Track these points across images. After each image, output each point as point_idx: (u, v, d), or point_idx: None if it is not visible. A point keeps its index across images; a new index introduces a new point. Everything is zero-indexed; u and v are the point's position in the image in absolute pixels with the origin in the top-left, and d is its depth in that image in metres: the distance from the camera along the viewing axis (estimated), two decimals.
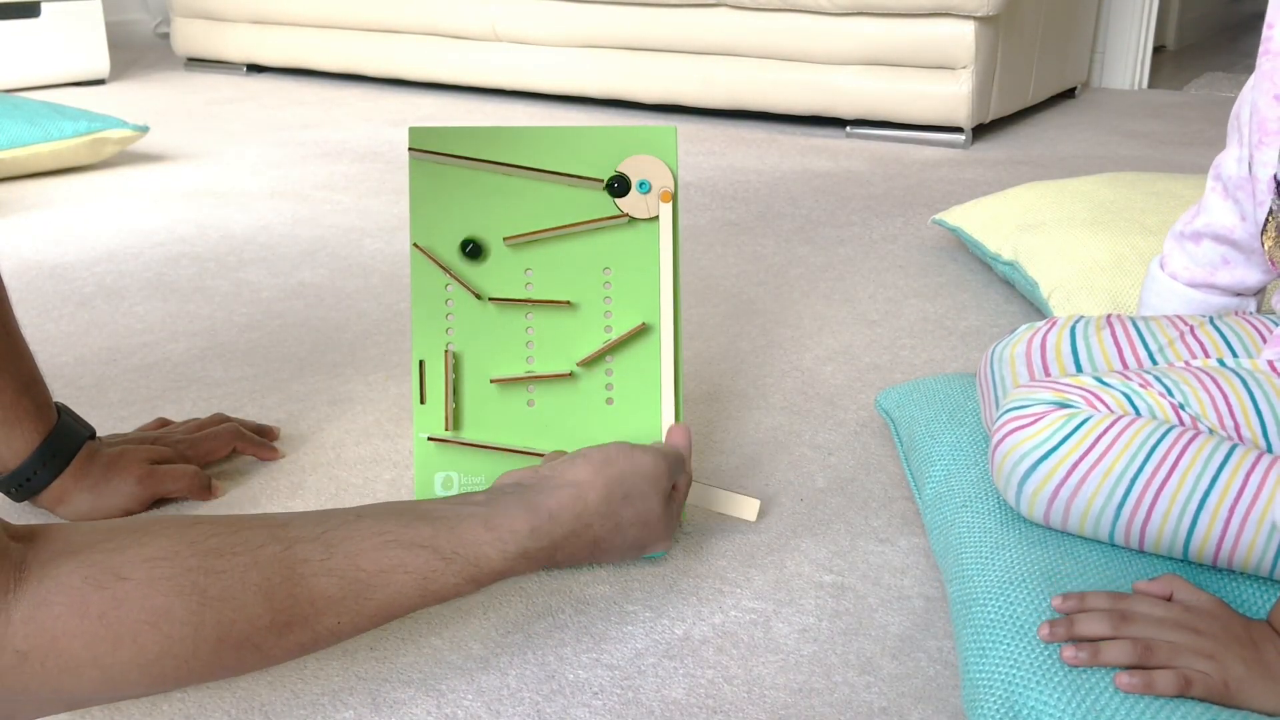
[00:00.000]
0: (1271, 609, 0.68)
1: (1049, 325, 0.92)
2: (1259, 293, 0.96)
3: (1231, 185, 0.92)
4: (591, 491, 0.74)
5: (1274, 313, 0.91)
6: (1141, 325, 0.89)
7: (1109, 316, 0.91)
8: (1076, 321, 0.91)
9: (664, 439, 0.88)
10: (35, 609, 0.52)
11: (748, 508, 0.90)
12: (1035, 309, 1.41)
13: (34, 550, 0.54)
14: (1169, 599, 0.69)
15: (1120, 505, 0.74)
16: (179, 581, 0.56)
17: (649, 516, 0.77)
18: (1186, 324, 0.88)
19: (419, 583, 0.65)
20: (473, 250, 0.89)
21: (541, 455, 0.91)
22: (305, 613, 0.60)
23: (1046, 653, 0.66)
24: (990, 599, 0.72)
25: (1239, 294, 0.95)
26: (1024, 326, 0.93)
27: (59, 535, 0.56)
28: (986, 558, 0.77)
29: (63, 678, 0.54)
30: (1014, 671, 0.65)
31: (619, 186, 0.90)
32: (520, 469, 0.78)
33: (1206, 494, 0.72)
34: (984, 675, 0.66)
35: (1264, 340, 0.86)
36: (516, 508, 0.71)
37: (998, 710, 0.64)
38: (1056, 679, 0.64)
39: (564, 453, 0.85)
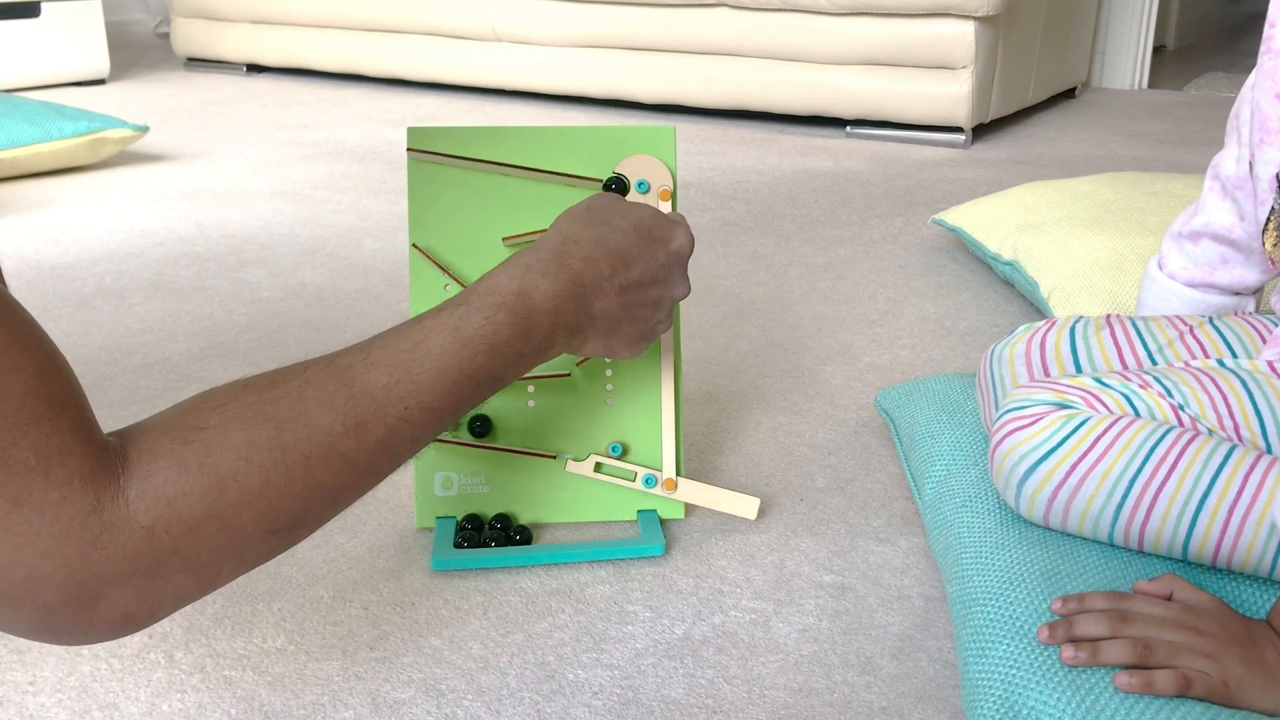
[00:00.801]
0: (1271, 609, 0.68)
1: (1048, 325, 0.92)
2: (1257, 292, 0.96)
3: (1230, 185, 0.92)
4: (573, 219, 0.78)
5: (1273, 313, 0.91)
6: (1141, 325, 0.89)
7: (1108, 317, 0.91)
8: (1076, 322, 0.91)
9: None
10: (145, 482, 0.54)
11: (747, 507, 0.90)
12: (1035, 309, 1.41)
13: (125, 437, 0.57)
14: (1169, 599, 0.69)
15: (1120, 506, 0.74)
16: (248, 415, 0.59)
17: (644, 225, 0.79)
18: (1186, 324, 0.88)
19: (452, 334, 0.67)
20: (481, 428, 0.91)
21: (542, 455, 0.91)
22: (369, 408, 0.63)
23: (1046, 653, 0.66)
24: (990, 599, 0.72)
25: (1238, 293, 0.95)
26: (1023, 327, 0.93)
27: (137, 424, 0.59)
28: (986, 558, 0.77)
29: (187, 540, 0.56)
30: (1013, 672, 0.65)
31: (617, 189, 0.90)
32: None
33: (1206, 495, 0.72)
34: (983, 675, 0.66)
35: (1263, 340, 0.86)
36: (513, 257, 0.75)
37: (997, 710, 0.64)
38: (1056, 679, 0.64)
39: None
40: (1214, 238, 0.94)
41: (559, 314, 0.72)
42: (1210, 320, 0.89)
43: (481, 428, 0.90)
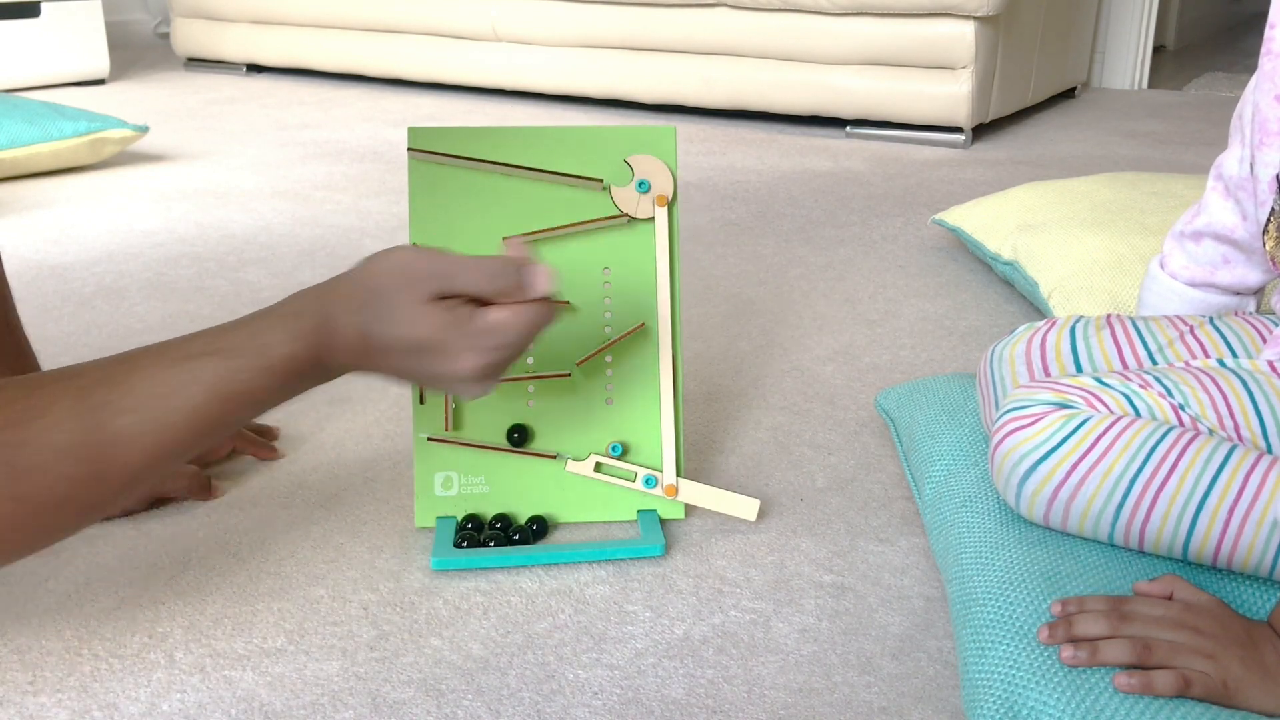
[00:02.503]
0: (1273, 610, 0.68)
1: (1049, 325, 0.92)
2: (1258, 292, 0.96)
3: (1233, 185, 0.92)
4: (353, 276, 0.72)
5: (1273, 313, 0.91)
6: (1141, 325, 0.89)
7: (1109, 317, 0.91)
8: (1076, 322, 0.91)
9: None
10: None
11: (748, 508, 0.90)
12: (1035, 309, 1.41)
13: None
14: (1169, 599, 0.69)
15: (1120, 506, 0.74)
16: None
17: (407, 315, 0.69)
18: (1186, 324, 0.88)
19: (211, 390, 0.65)
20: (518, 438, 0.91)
21: (542, 455, 0.91)
22: (113, 455, 0.62)
23: (1046, 653, 0.66)
24: (990, 599, 0.72)
25: (1238, 293, 0.95)
26: (1023, 326, 0.93)
27: None
28: (986, 558, 0.77)
29: None
30: (1013, 672, 0.65)
31: (518, 438, 0.90)
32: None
33: (1206, 495, 0.72)
34: (983, 675, 0.66)
35: (1264, 340, 0.86)
36: (294, 299, 0.72)
37: (997, 710, 0.64)
38: (1056, 679, 0.64)
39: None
40: (1216, 238, 0.94)
41: (333, 367, 0.70)
42: (1210, 320, 0.89)
43: (519, 438, 0.91)
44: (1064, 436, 0.75)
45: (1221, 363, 0.82)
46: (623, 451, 0.91)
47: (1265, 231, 0.84)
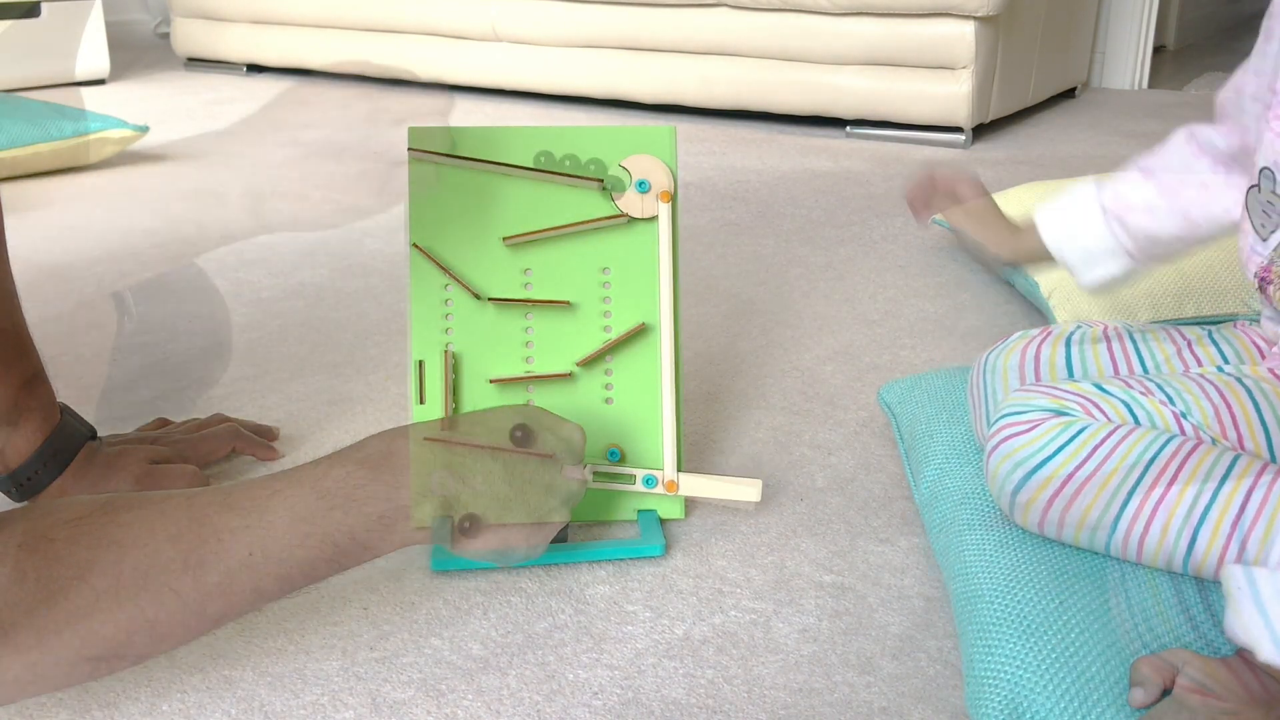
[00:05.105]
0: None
1: (1043, 335, 0.90)
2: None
3: (1220, 157, 0.91)
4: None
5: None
6: (1139, 339, 0.88)
7: (1105, 329, 0.90)
8: (1073, 332, 0.90)
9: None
10: None
11: (750, 491, 0.89)
12: (1035, 309, 1.41)
13: None
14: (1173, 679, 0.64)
15: (1117, 518, 0.72)
16: (97, 536, 0.60)
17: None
18: (1184, 338, 0.87)
19: (311, 487, 0.67)
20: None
21: (541, 455, 0.91)
22: (213, 548, 0.63)
23: (1052, 654, 0.66)
24: (996, 596, 0.72)
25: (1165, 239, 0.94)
26: (1017, 334, 0.92)
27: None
28: (990, 555, 0.76)
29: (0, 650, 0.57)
30: (1019, 672, 0.65)
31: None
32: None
33: (1207, 508, 0.70)
34: (989, 674, 0.66)
35: (1263, 356, 0.84)
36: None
37: (1001, 710, 0.63)
38: (1062, 681, 0.64)
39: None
40: (1213, 156, 0.92)
41: (429, 477, 0.71)
42: (1209, 335, 0.88)
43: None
44: (1060, 445, 0.74)
45: (1221, 369, 0.81)
46: (621, 457, 0.91)
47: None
